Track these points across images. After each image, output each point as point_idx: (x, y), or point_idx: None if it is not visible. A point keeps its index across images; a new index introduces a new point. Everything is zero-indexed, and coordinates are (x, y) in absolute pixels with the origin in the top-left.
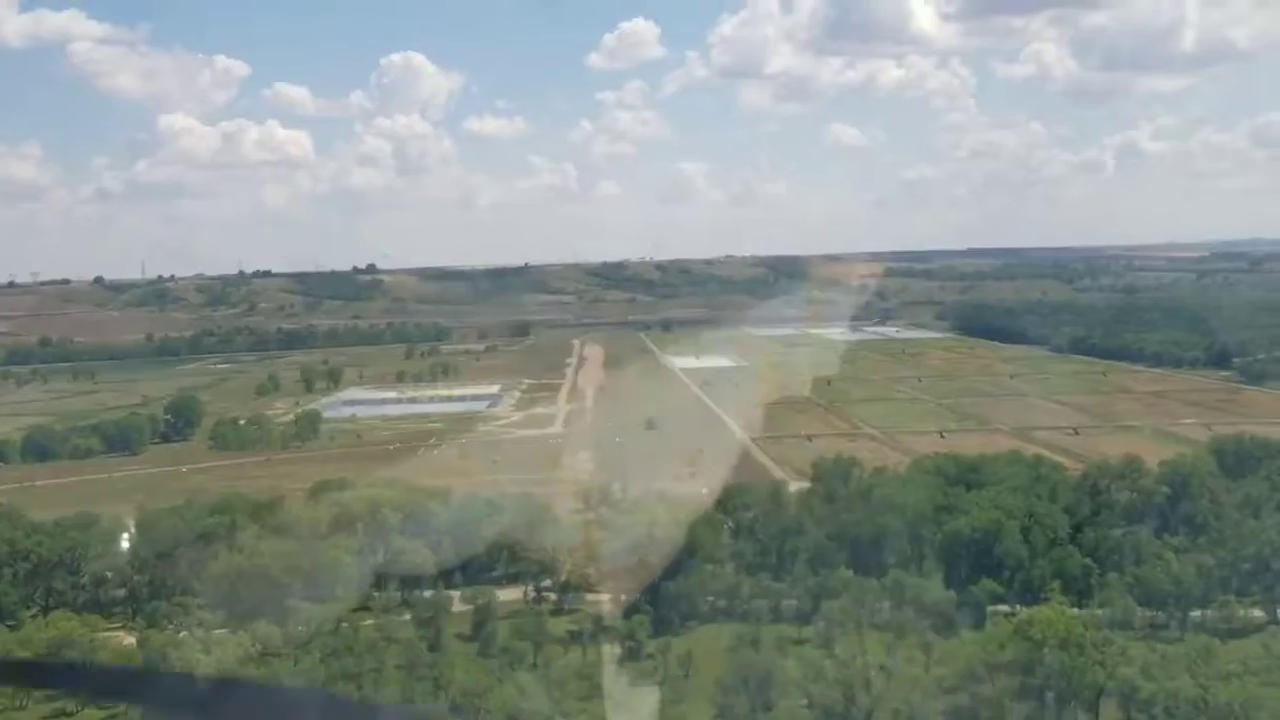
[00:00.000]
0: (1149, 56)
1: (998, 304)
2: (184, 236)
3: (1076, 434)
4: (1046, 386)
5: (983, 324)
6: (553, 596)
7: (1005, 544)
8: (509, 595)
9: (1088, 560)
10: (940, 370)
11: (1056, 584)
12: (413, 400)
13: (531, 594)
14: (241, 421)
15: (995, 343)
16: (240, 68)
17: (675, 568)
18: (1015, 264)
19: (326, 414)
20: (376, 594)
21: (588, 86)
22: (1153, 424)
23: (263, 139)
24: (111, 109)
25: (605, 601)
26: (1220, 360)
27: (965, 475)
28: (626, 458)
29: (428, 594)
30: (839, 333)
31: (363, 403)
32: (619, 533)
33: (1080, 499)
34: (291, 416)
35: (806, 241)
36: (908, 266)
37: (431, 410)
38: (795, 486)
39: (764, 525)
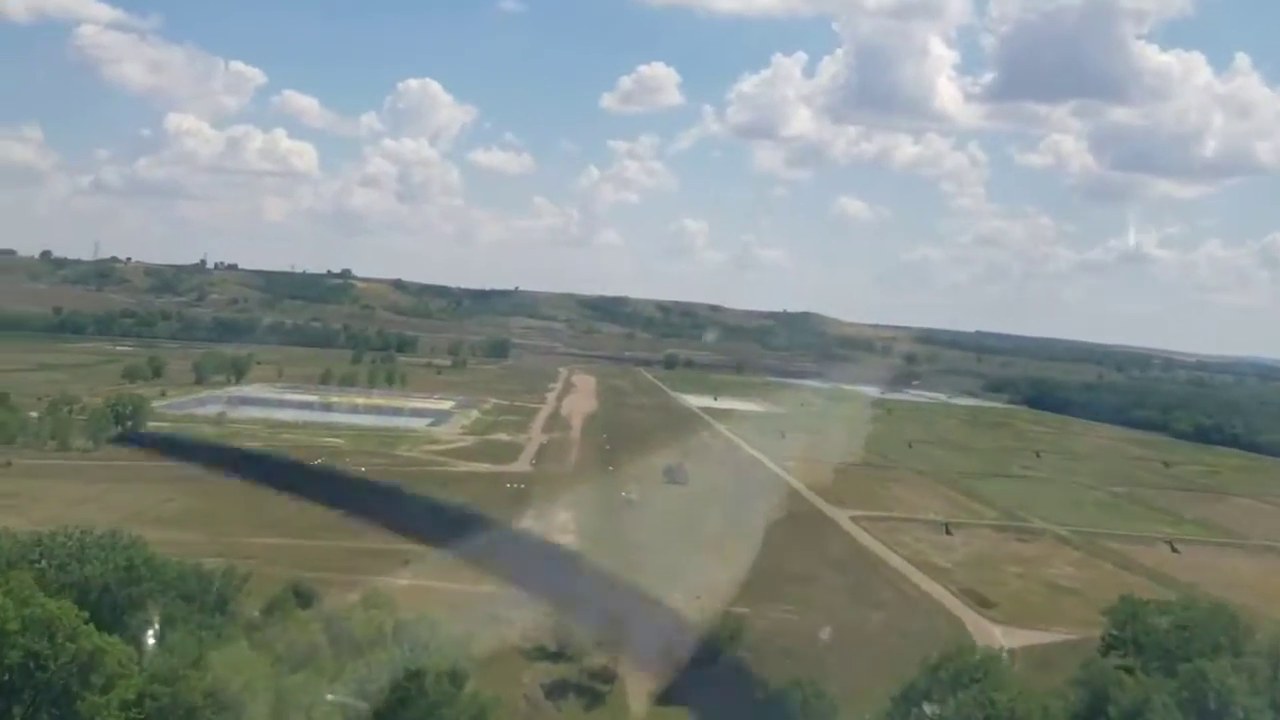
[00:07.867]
0: (1166, 160)
1: (1066, 380)
2: (173, 235)
3: None
4: (1247, 485)
5: (1054, 399)
6: None
7: None
8: None
9: None
10: (1051, 446)
11: None
12: (327, 407)
13: None
14: (34, 411)
15: (1081, 419)
16: (252, 72)
17: None
18: (1037, 348)
19: (182, 410)
20: None
21: (600, 129)
22: None
23: (267, 147)
24: (114, 98)
25: None
26: None
27: None
28: (641, 529)
29: None
30: (878, 391)
31: (256, 402)
32: None
33: None
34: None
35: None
36: (929, 337)
37: (346, 421)
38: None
39: None
